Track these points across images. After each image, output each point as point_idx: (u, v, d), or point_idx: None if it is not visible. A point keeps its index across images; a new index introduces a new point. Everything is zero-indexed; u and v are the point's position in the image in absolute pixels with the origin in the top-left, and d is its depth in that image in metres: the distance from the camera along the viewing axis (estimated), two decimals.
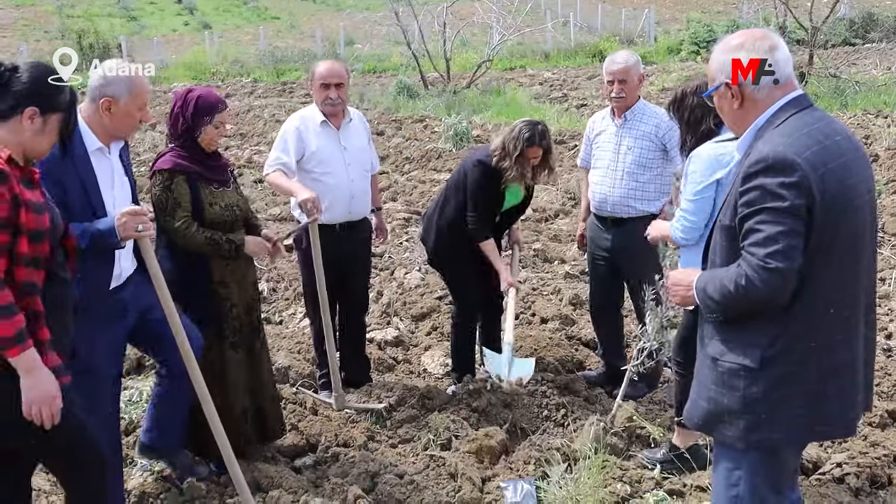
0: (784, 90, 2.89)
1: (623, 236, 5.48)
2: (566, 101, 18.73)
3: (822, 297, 2.79)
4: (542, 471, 4.51)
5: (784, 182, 2.68)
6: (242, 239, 4.43)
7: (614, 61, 5.47)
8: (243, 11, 47.18)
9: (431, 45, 22.92)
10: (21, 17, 42.10)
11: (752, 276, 2.72)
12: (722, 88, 2.96)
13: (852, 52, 23.69)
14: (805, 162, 2.69)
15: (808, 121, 2.83)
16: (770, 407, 2.83)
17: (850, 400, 2.88)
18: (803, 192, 2.67)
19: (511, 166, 5.28)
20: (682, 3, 41.02)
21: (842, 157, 2.77)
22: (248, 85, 25.13)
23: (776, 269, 2.68)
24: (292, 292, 7.82)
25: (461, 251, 5.62)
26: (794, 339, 2.80)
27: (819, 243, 2.72)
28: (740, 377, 2.86)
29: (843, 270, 2.81)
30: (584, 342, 6.49)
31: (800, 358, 2.80)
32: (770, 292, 2.72)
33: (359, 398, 5.53)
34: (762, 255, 2.70)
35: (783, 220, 2.68)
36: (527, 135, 5.28)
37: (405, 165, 13.49)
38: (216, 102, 4.40)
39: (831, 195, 2.70)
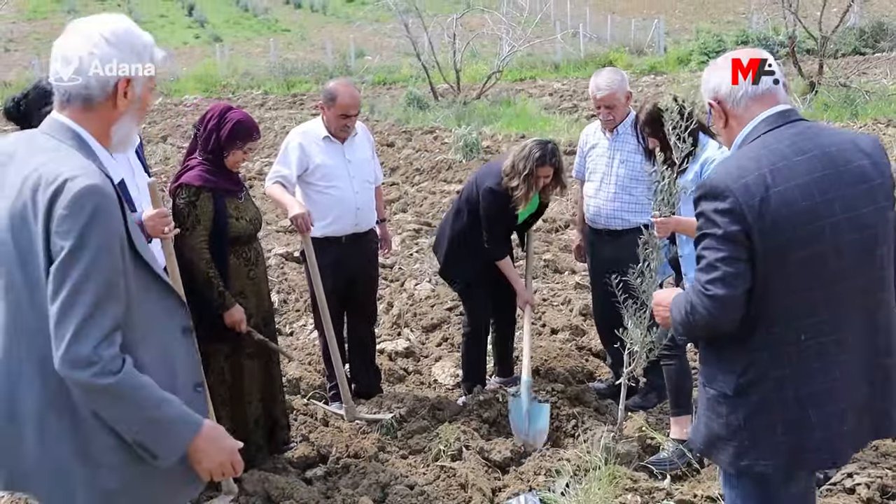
0: (763, 105, 2.86)
1: (619, 247, 5.49)
2: (576, 112, 18.71)
3: (789, 323, 2.72)
4: (552, 482, 4.51)
5: (717, 208, 2.68)
6: (233, 301, 4.45)
7: (599, 88, 5.39)
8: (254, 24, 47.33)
9: (441, 56, 22.94)
10: (33, 31, 42.37)
11: (696, 301, 2.72)
12: (711, 111, 2.97)
13: (862, 61, 23.63)
14: (740, 187, 2.65)
15: (779, 137, 2.78)
16: (752, 434, 2.79)
17: (836, 428, 2.77)
18: (736, 217, 2.64)
19: (519, 185, 5.29)
20: (691, 14, 41.02)
21: (799, 179, 2.68)
22: (259, 97, 25.21)
23: (714, 296, 2.67)
24: (303, 304, 7.84)
25: (472, 262, 5.64)
26: (767, 366, 2.75)
27: (768, 268, 2.66)
28: (722, 404, 2.84)
29: (811, 295, 2.71)
30: (594, 353, 6.49)
31: (774, 385, 2.75)
32: (712, 318, 2.70)
33: (369, 409, 5.55)
34: (703, 282, 2.70)
35: (721, 246, 2.67)
36: (537, 154, 5.30)
37: (415, 177, 13.51)
38: (252, 130, 4.49)
39: (773, 219, 2.63)
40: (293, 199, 5.25)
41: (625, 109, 5.48)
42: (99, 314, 2.23)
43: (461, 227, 5.65)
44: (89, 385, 2.23)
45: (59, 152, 2.37)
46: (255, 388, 4.63)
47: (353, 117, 5.47)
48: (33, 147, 2.42)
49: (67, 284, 2.22)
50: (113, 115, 2.47)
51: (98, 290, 2.23)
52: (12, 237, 2.34)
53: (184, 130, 18.22)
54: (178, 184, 4.42)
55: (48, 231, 2.26)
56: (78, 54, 2.38)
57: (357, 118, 5.54)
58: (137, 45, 2.46)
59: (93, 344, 2.21)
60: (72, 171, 2.28)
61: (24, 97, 3.67)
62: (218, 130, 4.41)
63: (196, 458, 2.47)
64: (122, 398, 2.28)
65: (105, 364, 2.22)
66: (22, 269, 2.33)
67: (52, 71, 2.45)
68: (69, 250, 2.22)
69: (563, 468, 4.59)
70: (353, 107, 5.42)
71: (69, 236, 2.22)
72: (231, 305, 4.42)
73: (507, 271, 5.65)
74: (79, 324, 2.21)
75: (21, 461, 2.42)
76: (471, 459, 4.77)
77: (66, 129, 2.43)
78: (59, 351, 2.22)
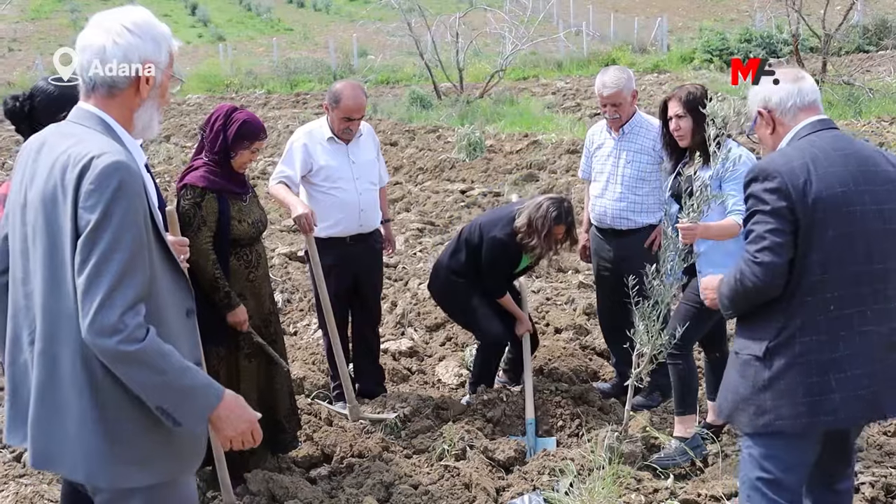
0: (808, 114, 3.30)
1: (624, 247, 5.51)
2: (579, 111, 18.71)
3: (822, 294, 3.10)
4: (556, 481, 4.52)
5: (766, 188, 3.10)
6: (238, 301, 4.45)
7: (605, 85, 5.38)
8: (257, 23, 47.35)
9: (444, 55, 22.94)
10: (37, 31, 42.43)
11: (745, 269, 3.13)
12: (758, 120, 3.38)
13: (866, 59, 23.59)
14: (787, 170, 3.09)
15: (821, 137, 3.22)
16: (775, 395, 3.15)
17: (854, 392, 3.12)
18: (782, 194, 3.07)
19: (539, 244, 5.27)
20: (694, 12, 40.98)
21: (836, 168, 3.12)
22: (262, 96, 25.22)
23: (762, 263, 3.08)
24: (307, 303, 7.84)
25: (472, 293, 5.60)
26: (797, 332, 3.12)
27: (807, 242, 3.07)
28: (751, 366, 3.21)
29: (842, 271, 3.11)
30: (597, 352, 6.48)
31: (801, 350, 3.12)
32: (760, 283, 3.09)
33: (373, 409, 5.55)
34: (752, 251, 3.12)
35: (769, 219, 3.09)
36: (554, 214, 5.26)
37: (419, 176, 13.51)
38: (258, 130, 4.48)
39: (813, 199, 3.06)
40: (297, 200, 5.25)
41: (631, 108, 5.47)
42: (125, 284, 2.33)
43: (458, 266, 5.62)
44: (115, 352, 2.33)
45: (85, 136, 2.50)
46: (253, 390, 4.60)
47: (357, 121, 5.46)
48: (62, 134, 2.55)
49: (94, 255, 2.32)
50: (135, 102, 2.61)
51: (124, 261, 2.34)
52: (44, 220, 2.45)
53: (187, 130, 18.22)
54: (182, 184, 4.42)
55: (76, 207, 2.37)
56: (102, 44, 2.52)
57: (361, 121, 5.53)
58: (157, 34, 2.60)
59: (119, 312, 2.31)
60: (99, 150, 2.41)
61: (29, 98, 3.66)
62: (225, 131, 4.40)
63: (218, 426, 2.58)
64: (147, 365, 2.37)
65: (131, 332, 2.32)
66: (55, 252, 2.43)
67: (77, 63, 2.58)
68: (95, 222, 2.33)
69: (567, 467, 4.59)
70: (356, 111, 5.41)
71: (96, 209, 2.34)
72: (236, 305, 4.42)
73: (508, 306, 5.65)
74: (105, 293, 2.31)
75: (51, 440, 2.50)
76: (475, 459, 4.77)
77: (93, 116, 2.57)
78: (87, 319, 2.32)
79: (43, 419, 2.48)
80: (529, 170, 12.86)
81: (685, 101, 4.61)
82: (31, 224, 2.48)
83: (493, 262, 5.48)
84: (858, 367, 3.13)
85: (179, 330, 2.60)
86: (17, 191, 2.58)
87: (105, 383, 2.43)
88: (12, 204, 2.61)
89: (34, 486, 4.57)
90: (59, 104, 3.61)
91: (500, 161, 13.64)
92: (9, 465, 4.86)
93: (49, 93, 3.66)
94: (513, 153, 14.22)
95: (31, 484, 4.61)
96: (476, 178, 12.87)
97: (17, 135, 3.73)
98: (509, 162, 13.57)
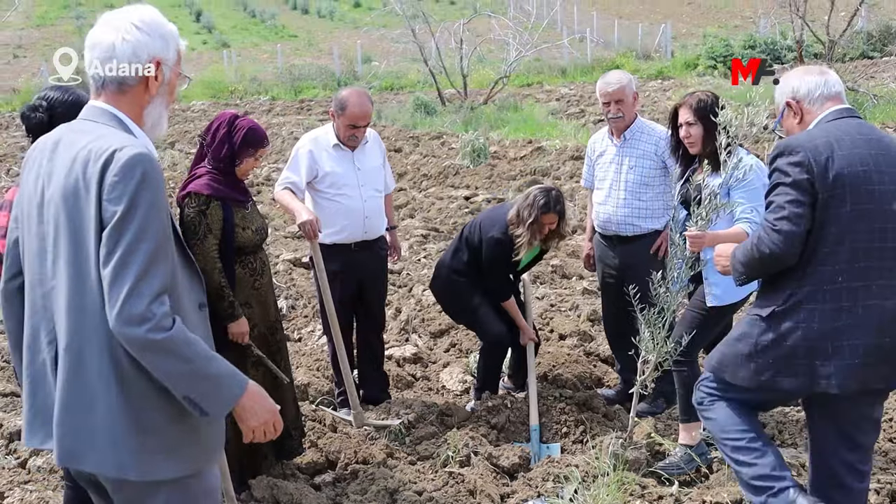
0: (834, 102, 3.52)
1: (630, 254, 5.51)
2: (583, 117, 18.72)
3: (833, 265, 3.28)
4: (560, 488, 4.51)
5: (790, 161, 3.29)
6: (241, 313, 4.45)
7: (608, 83, 5.43)
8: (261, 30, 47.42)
9: (448, 61, 22.97)
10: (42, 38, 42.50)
11: (763, 236, 3.32)
12: (786, 111, 3.58)
13: (870, 65, 23.56)
14: (811, 147, 3.28)
15: (840, 123, 3.42)
16: (777, 353, 3.35)
17: (848, 360, 3.29)
18: (805, 168, 3.25)
19: (524, 233, 5.28)
20: (698, 18, 40.99)
21: (858, 149, 3.30)
22: (266, 103, 25.26)
23: (780, 230, 3.26)
24: (311, 310, 7.85)
25: (473, 293, 5.61)
26: (804, 299, 3.32)
27: (825, 215, 3.25)
28: (756, 326, 3.42)
29: (855, 245, 3.28)
30: (602, 358, 6.48)
31: (806, 316, 3.31)
32: (777, 250, 3.28)
33: (377, 415, 5.55)
34: (772, 220, 3.31)
35: (790, 190, 3.27)
36: (542, 201, 5.29)
37: (423, 182, 13.52)
38: (263, 137, 4.51)
39: (834, 175, 3.24)
40: (301, 206, 5.25)
41: (633, 110, 5.48)
42: (151, 273, 2.36)
43: (459, 267, 5.64)
44: (144, 341, 2.34)
45: (103, 131, 2.53)
46: None
47: (362, 128, 5.47)
48: (78, 131, 2.57)
49: (121, 246, 2.35)
50: (145, 98, 2.64)
51: (150, 251, 2.36)
52: (67, 215, 2.46)
53: (191, 136, 18.26)
54: (186, 192, 4.41)
55: (100, 200, 2.39)
56: (111, 41, 2.55)
57: (367, 128, 5.54)
58: (165, 31, 2.64)
59: (147, 301, 2.34)
60: (120, 143, 2.44)
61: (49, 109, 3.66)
62: (230, 138, 4.40)
63: (242, 415, 2.60)
64: (174, 353, 2.39)
65: (158, 320, 2.35)
66: (80, 246, 2.44)
67: (86, 60, 2.61)
68: (121, 214, 2.36)
69: (572, 474, 4.58)
70: (361, 118, 5.42)
71: (121, 201, 2.37)
72: (239, 316, 4.41)
73: (511, 310, 5.66)
74: (133, 282, 2.33)
75: (78, 436, 2.50)
76: (479, 465, 4.77)
77: (105, 113, 2.60)
78: (115, 310, 2.33)
79: (70, 415, 2.48)
80: (533, 176, 12.86)
81: (696, 109, 4.60)
82: (53, 221, 2.49)
83: (493, 262, 5.49)
84: (858, 337, 3.28)
85: (195, 322, 2.61)
86: (33, 190, 2.58)
87: (132, 375, 2.44)
88: (26, 205, 2.61)
89: (39, 493, 4.58)
90: (76, 110, 3.62)
91: (504, 167, 13.65)
92: (14, 472, 4.87)
93: (65, 101, 3.68)
94: (517, 159, 14.23)
95: (36, 490, 4.62)
96: (480, 184, 12.89)
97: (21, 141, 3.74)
98: (513, 168, 13.59)
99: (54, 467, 4.80)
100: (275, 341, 4.71)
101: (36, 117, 3.66)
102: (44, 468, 4.87)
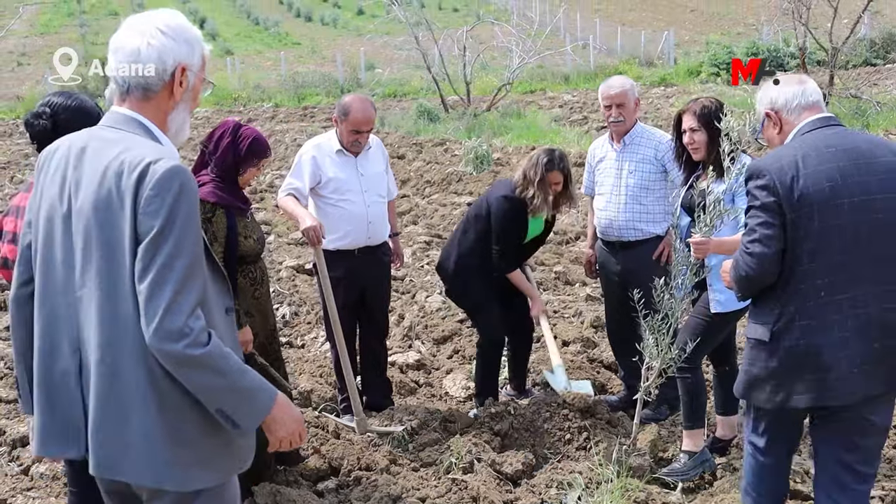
0: (811, 112, 3.53)
1: (632, 259, 5.51)
2: (586, 124, 18.73)
3: (812, 282, 3.32)
4: (564, 494, 4.50)
5: (757, 185, 3.36)
6: (245, 322, 4.45)
7: (611, 86, 5.50)
8: (265, 37, 47.49)
9: (451, 68, 22.98)
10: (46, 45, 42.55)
11: (739, 259, 3.42)
12: (766, 121, 3.62)
13: (873, 72, 23.56)
14: (775, 169, 3.33)
15: (817, 135, 3.44)
16: (789, 373, 3.38)
17: (848, 371, 3.33)
18: (771, 191, 3.31)
19: (536, 194, 5.33)
20: (701, 25, 41.04)
21: (825, 165, 3.32)
22: (270, 110, 25.29)
23: (753, 253, 3.34)
24: (314, 316, 7.85)
25: (480, 279, 5.64)
26: (793, 317, 3.35)
27: (796, 234, 3.30)
28: (761, 350, 3.44)
29: (830, 260, 3.31)
30: (605, 365, 6.47)
31: (800, 333, 3.35)
32: (752, 272, 3.36)
33: (381, 422, 5.54)
34: (745, 242, 3.40)
35: (759, 213, 3.35)
36: (545, 160, 5.36)
37: (426, 189, 13.53)
38: (266, 147, 4.56)
39: (800, 194, 3.28)
40: (305, 212, 5.26)
41: (634, 116, 5.50)
42: (188, 288, 2.36)
43: (469, 246, 5.66)
44: (181, 356, 2.34)
45: (133, 141, 2.50)
46: None
47: (365, 133, 5.48)
48: (105, 140, 2.54)
49: (158, 261, 2.34)
50: (169, 105, 2.61)
51: (186, 266, 2.36)
52: (98, 226, 2.43)
53: (195, 144, 18.26)
54: None
55: (135, 213, 2.37)
56: (136, 46, 2.52)
57: (370, 134, 5.56)
58: (190, 36, 2.61)
59: (184, 317, 2.33)
60: (154, 155, 2.42)
61: (52, 116, 3.66)
62: (234, 147, 4.42)
63: (272, 426, 2.60)
64: (210, 368, 2.39)
65: (196, 335, 2.34)
66: (112, 259, 2.42)
67: (109, 65, 2.57)
68: (158, 229, 2.34)
69: (576, 481, 4.58)
70: (365, 123, 5.43)
71: (158, 215, 2.35)
72: (243, 325, 4.41)
73: (519, 281, 5.67)
74: (171, 298, 2.32)
75: (115, 448, 2.48)
76: (482, 472, 4.76)
77: (131, 120, 2.57)
78: (152, 325, 2.33)
79: (106, 427, 2.46)
80: None
81: (700, 115, 4.60)
82: (82, 231, 2.46)
83: (502, 224, 5.53)
84: (852, 347, 3.33)
85: (223, 329, 2.59)
86: (57, 199, 2.54)
87: (167, 387, 2.43)
88: (46, 212, 2.58)
89: (42, 500, 4.57)
90: (80, 115, 3.64)
91: (507, 174, 13.63)
92: (17, 478, 4.87)
93: (68, 106, 3.68)
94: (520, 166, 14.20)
95: (39, 497, 4.62)
96: (483, 191, 12.81)
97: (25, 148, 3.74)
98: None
99: (57, 474, 4.80)
100: (273, 350, 4.72)
101: (39, 124, 3.65)
102: (47, 475, 4.86)
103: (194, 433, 2.49)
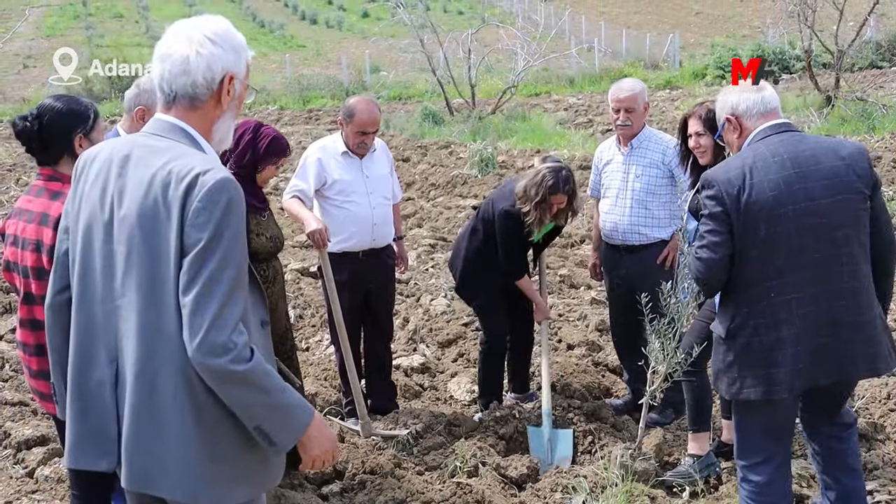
0: (767, 119, 3.70)
1: (637, 263, 5.50)
2: (591, 127, 18.71)
3: (762, 284, 3.54)
4: (569, 498, 4.49)
5: (707, 195, 3.58)
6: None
7: (621, 89, 5.49)
8: (269, 40, 47.50)
9: (456, 71, 22.97)
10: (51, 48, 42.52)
11: (690, 264, 3.71)
12: (726, 125, 3.79)
13: (879, 74, 23.48)
14: (723, 180, 3.54)
15: (766, 143, 3.62)
16: (741, 368, 3.61)
17: (794, 367, 3.53)
18: (719, 201, 3.53)
19: (530, 211, 5.28)
20: (706, 28, 40.99)
21: (771, 174, 3.50)
22: (275, 112, 25.29)
23: (701, 258, 3.58)
24: (319, 319, 7.84)
25: (488, 279, 5.64)
26: (747, 316, 3.58)
27: (744, 241, 3.51)
28: (721, 345, 3.70)
29: (778, 263, 3.51)
30: (610, 368, 6.46)
31: (753, 331, 3.57)
32: (701, 276, 3.62)
33: (385, 425, 5.54)
34: (696, 248, 3.64)
35: (708, 222, 3.57)
36: (550, 182, 5.26)
37: (431, 192, 13.52)
38: (286, 147, 4.59)
39: (746, 203, 3.48)
40: (310, 214, 5.26)
41: (642, 120, 5.49)
42: (232, 302, 2.34)
43: (477, 245, 5.66)
44: (225, 372, 2.32)
45: (179, 150, 2.46)
46: None
47: (371, 135, 5.49)
48: (150, 148, 2.50)
49: (204, 274, 2.31)
50: (216, 113, 2.58)
51: (231, 280, 2.34)
52: (143, 236, 2.40)
53: None
54: None
55: (182, 225, 2.34)
56: (185, 54, 2.47)
57: (375, 136, 5.56)
58: (236, 43, 2.57)
59: (229, 332, 2.31)
60: (203, 166, 2.39)
61: (38, 118, 3.66)
62: (254, 145, 4.45)
63: (307, 445, 2.57)
64: (252, 384, 2.37)
65: (240, 351, 2.33)
66: (156, 269, 2.39)
67: (155, 73, 2.53)
68: (206, 242, 2.32)
69: (580, 485, 4.57)
70: (370, 125, 5.43)
71: (206, 228, 2.33)
72: None
73: (526, 288, 5.66)
74: (216, 312, 2.30)
75: (150, 461, 2.45)
76: (487, 476, 4.76)
77: (177, 129, 2.53)
78: (196, 339, 2.30)
79: (141, 440, 2.44)
80: None
81: (706, 119, 4.60)
82: (126, 240, 2.42)
83: (505, 235, 5.51)
84: (799, 344, 3.53)
85: (259, 342, 2.55)
86: (98, 205, 2.51)
87: (206, 402, 2.41)
88: (86, 219, 2.54)
89: (46, 503, 4.57)
90: (68, 120, 3.64)
91: (512, 177, 13.63)
92: (21, 481, 4.87)
93: (57, 109, 3.67)
94: (525, 169, 14.21)
95: (44, 500, 4.62)
96: (488, 193, 12.86)
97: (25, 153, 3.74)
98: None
99: (62, 477, 4.80)
100: (284, 350, 4.71)
101: (24, 125, 3.66)
102: (51, 478, 4.86)
103: (231, 449, 2.47)
